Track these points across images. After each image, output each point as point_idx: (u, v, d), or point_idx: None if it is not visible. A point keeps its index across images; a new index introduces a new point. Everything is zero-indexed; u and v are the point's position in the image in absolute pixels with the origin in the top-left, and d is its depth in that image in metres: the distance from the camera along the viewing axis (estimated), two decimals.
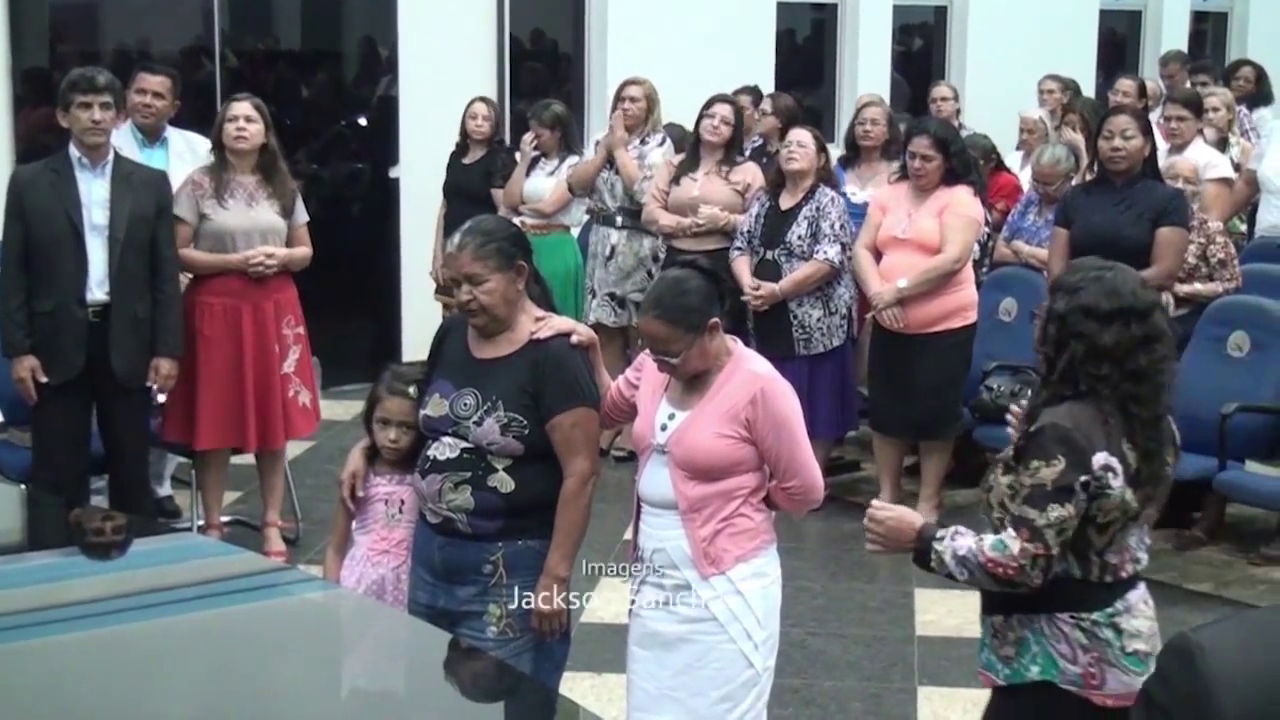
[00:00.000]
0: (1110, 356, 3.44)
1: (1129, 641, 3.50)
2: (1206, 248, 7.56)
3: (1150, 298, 3.55)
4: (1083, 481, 3.39)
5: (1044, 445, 3.42)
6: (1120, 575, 3.52)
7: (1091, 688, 3.48)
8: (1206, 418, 6.79)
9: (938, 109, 9.74)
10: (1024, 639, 3.55)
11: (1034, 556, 3.39)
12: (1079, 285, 3.53)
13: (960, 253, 7.05)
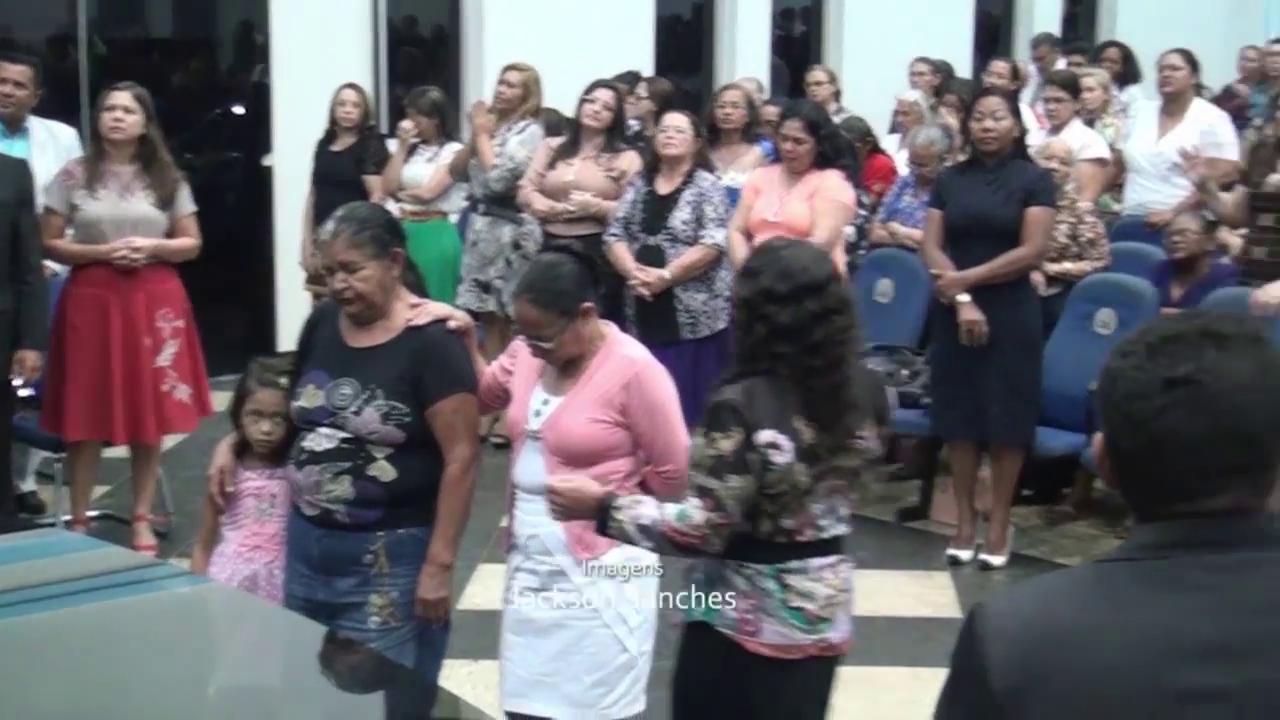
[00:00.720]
0: (789, 334, 3.56)
1: (793, 597, 3.61)
2: (1076, 227, 7.68)
3: (824, 271, 3.68)
4: (752, 456, 3.51)
5: (720, 418, 3.54)
6: (796, 539, 3.62)
7: (745, 634, 3.60)
8: (1075, 394, 6.91)
9: (814, 93, 9.81)
10: (699, 581, 3.69)
11: (716, 525, 3.52)
12: (758, 270, 3.68)
13: (829, 236, 7.09)
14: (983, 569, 6.79)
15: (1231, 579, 1.76)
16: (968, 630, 1.83)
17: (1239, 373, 1.77)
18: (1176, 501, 1.79)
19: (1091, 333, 7.36)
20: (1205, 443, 1.77)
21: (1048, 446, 7.01)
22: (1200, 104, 8.99)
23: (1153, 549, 1.79)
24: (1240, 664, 1.73)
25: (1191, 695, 1.72)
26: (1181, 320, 1.85)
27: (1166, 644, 1.74)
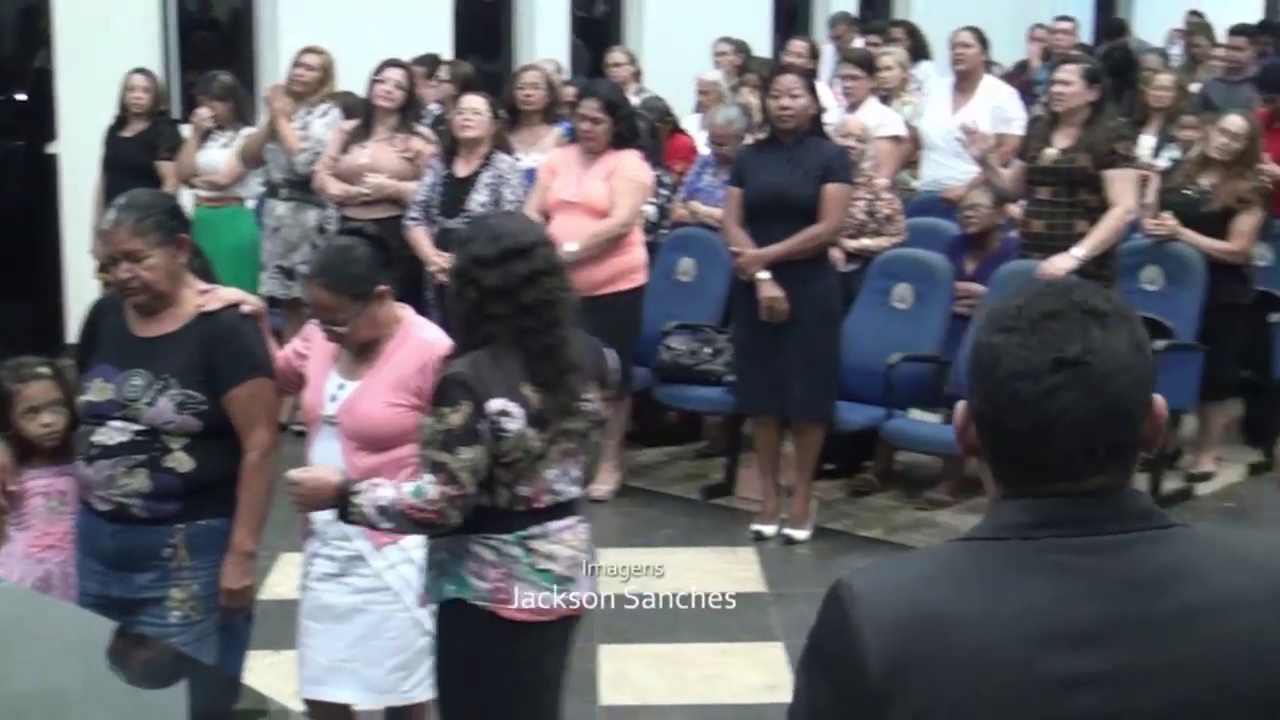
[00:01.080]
0: (500, 296, 3.63)
1: (539, 560, 3.67)
2: (874, 203, 7.79)
3: (533, 235, 3.79)
4: (483, 427, 3.56)
5: (448, 392, 3.59)
6: (534, 505, 3.68)
7: (500, 602, 3.65)
8: (873, 368, 7.03)
9: (614, 74, 9.81)
10: (443, 560, 3.71)
11: (451, 498, 3.56)
12: (468, 238, 3.78)
13: (628, 216, 7.12)
14: (786, 543, 6.86)
15: (1102, 561, 1.75)
16: (836, 613, 1.78)
17: (1120, 352, 1.77)
18: (1059, 480, 1.77)
19: (889, 307, 7.47)
20: (1094, 423, 1.76)
21: (848, 420, 7.10)
22: (991, 81, 9.17)
23: (1022, 528, 1.77)
24: (1111, 647, 1.73)
25: (1065, 681, 1.70)
26: (1054, 295, 1.81)
27: (1040, 630, 1.72)
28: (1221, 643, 1.74)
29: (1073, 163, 7.01)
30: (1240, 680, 1.73)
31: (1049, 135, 7.17)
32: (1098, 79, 7.17)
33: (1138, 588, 1.74)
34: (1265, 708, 1.73)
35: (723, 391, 7.26)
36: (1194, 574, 1.76)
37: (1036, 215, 7.19)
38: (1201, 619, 1.74)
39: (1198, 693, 1.72)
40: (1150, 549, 1.76)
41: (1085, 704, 1.71)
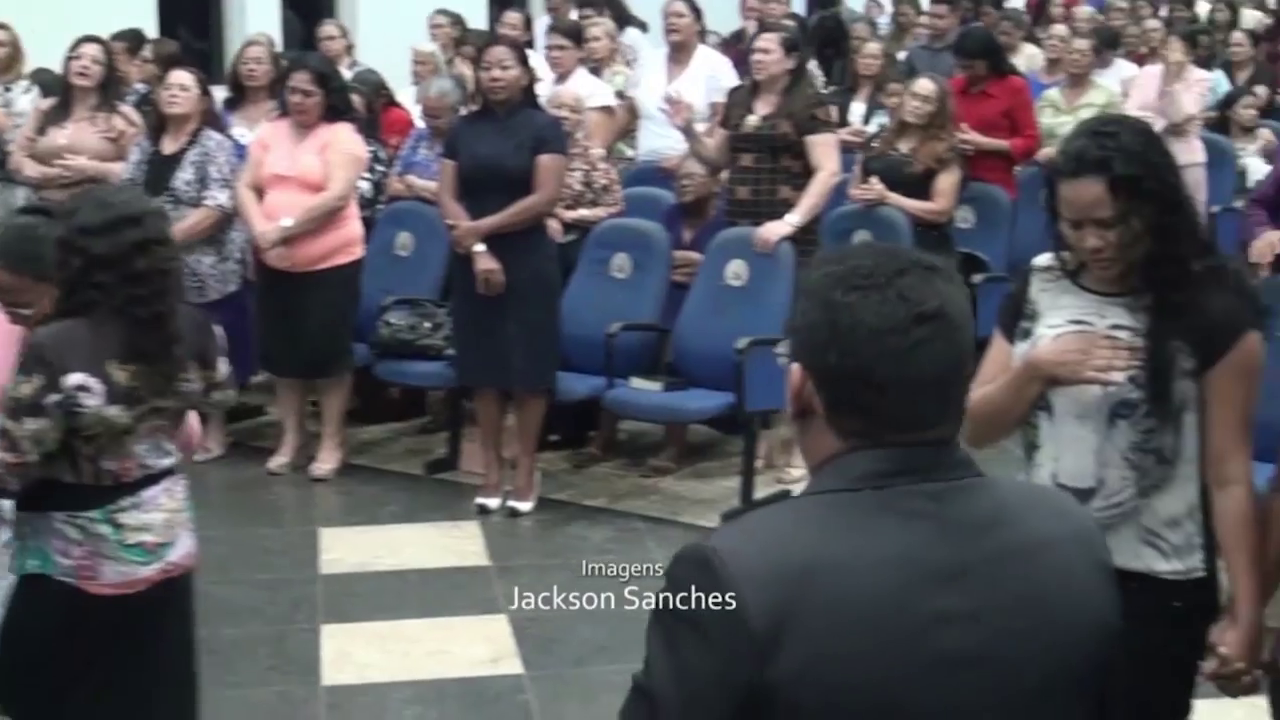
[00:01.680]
0: (109, 264, 3.58)
1: (131, 535, 3.65)
2: (590, 174, 7.81)
3: (144, 205, 3.79)
4: (56, 400, 3.51)
5: (25, 362, 3.57)
6: (123, 480, 3.66)
7: (85, 578, 3.62)
8: (593, 338, 7.06)
9: (327, 48, 9.65)
10: (26, 534, 3.68)
11: (10, 465, 3.54)
12: (75, 209, 3.73)
13: (343, 190, 7.03)
14: (511, 516, 6.85)
15: (943, 506, 1.83)
16: (705, 576, 1.77)
17: (962, 305, 1.87)
18: (913, 430, 1.84)
19: (608, 277, 7.51)
20: (950, 374, 1.86)
21: (570, 391, 7.12)
22: (705, 50, 9.25)
23: (875, 477, 1.82)
24: (970, 586, 1.81)
25: (938, 619, 1.79)
26: (893, 255, 1.89)
27: (909, 570, 1.79)
28: (1046, 578, 1.87)
29: (774, 129, 7.13)
30: (1063, 612, 1.87)
31: (750, 103, 7.28)
32: (796, 47, 7.31)
33: (976, 530, 1.84)
34: (1079, 636, 1.88)
35: (443, 366, 7.21)
36: (1012, 517, 1.89)
37: (741, 182, 7.30)
38: (1028, 557, 1.87)
39: (1035, 625, 1.85)
40: (977, 494, 1.88)
41: (954, 640, 1.80)
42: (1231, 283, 3.20)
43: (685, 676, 1.77)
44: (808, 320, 1.88)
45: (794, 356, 1.90)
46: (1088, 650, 1.88)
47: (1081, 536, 1.94)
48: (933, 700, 1.78)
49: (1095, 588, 1.92)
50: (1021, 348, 3.29)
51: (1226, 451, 3.15)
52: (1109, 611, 1.92)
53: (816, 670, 1.74)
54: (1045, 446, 3.26)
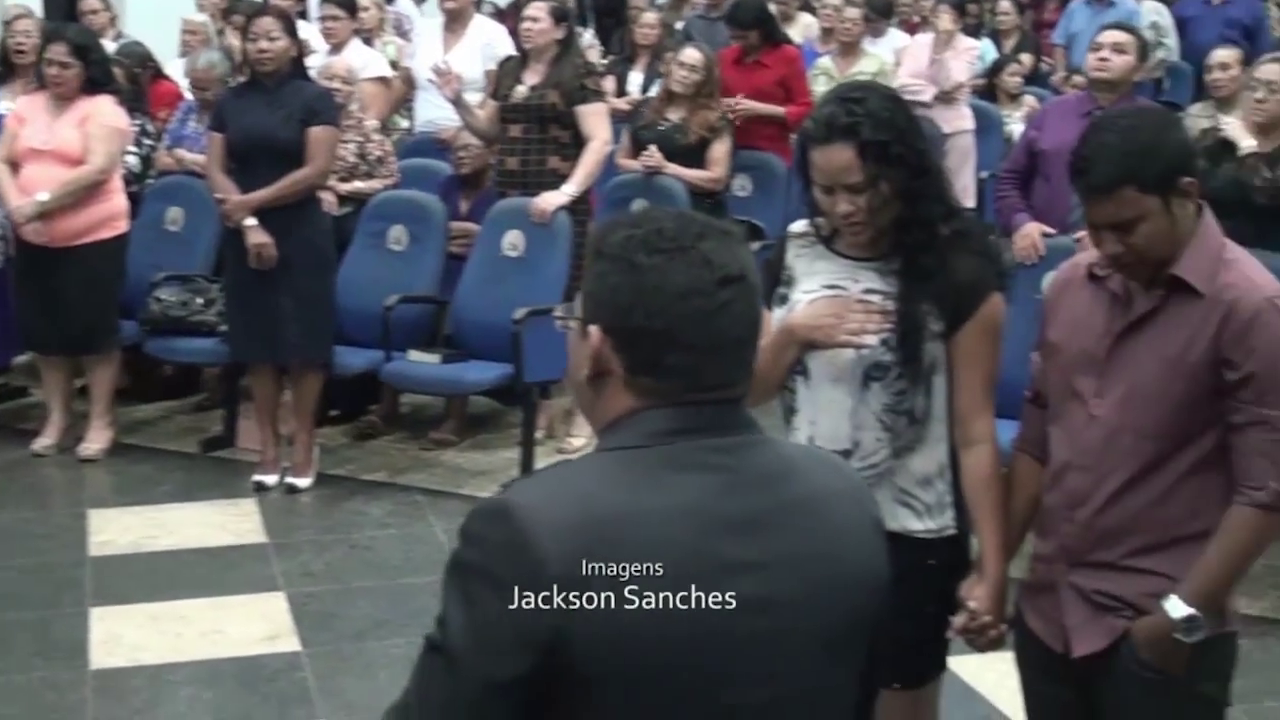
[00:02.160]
0: None
1: None
2: (364, 145, 7.74)
3: None
4: None
5: None
6: None
7: None
8: (371, 311, 7.00)
9: (90, 21, 9.38)
10: None
11: None
12: None
13: (105, 163, 6.88)
14: (290, 492, 6.77)
15: (738, 459, 1.88)
16: (502, 529, 1.77)
17: (755, 268, 1.92)
18: (714, 389, 1.88)
19: (385, 250, 7.46)
20: (749, 335, 1.91)
21: (347, 365, 7.06)
22: (481, 20, 9.20)
23: (665, 435, 1.85)
24: (763, 534, 1.86)
25: (733, 567, 1.82)
26: (688, 219, 1.92)
27: (702, 519, 1.82)
28: (831, 530, 1.93)
29: (543, 100, 7.14)
30: (845, 564, 1.93)
31: (520, 73, 7.27)
32: (565, 17, 7.32)
33: (767, 482, 1.89)
34: (861, 585, 1.94)
35: (216, 342, 7.09)
36: (796, 471, 1.95)
37: (510, 153, 7.30)
38: (815, 510, 1.92)
39: (821, 575, 1.90)
40: (764, 449, 1.92)
41: (747, 587, 1.82)
42: (977, 246, 3.28)
43: (482, 628, 1.77)
44: (609, 283, 1.89)
45: (592, 318, 1.91)
46: (862, 600, 1.94)
47: (856, 493, 2.01)
48: (727, 646, 1.82)
49: (869, 541, 1.98)
50: (779, 313, 3.34)
51: (972, 412, 3.24)
52: (880, 565, 1.99)
53: (615, 618, 1.76)
54: (802, 410, 3.32)
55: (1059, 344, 3.14)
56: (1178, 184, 2.95)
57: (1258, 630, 5.25)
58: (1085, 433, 3.04)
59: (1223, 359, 2.92)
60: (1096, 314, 3.06)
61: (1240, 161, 5.97)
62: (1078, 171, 2.97)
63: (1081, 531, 3.05)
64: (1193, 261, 2.97)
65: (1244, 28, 11.42)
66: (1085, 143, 2.97)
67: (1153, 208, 2.93)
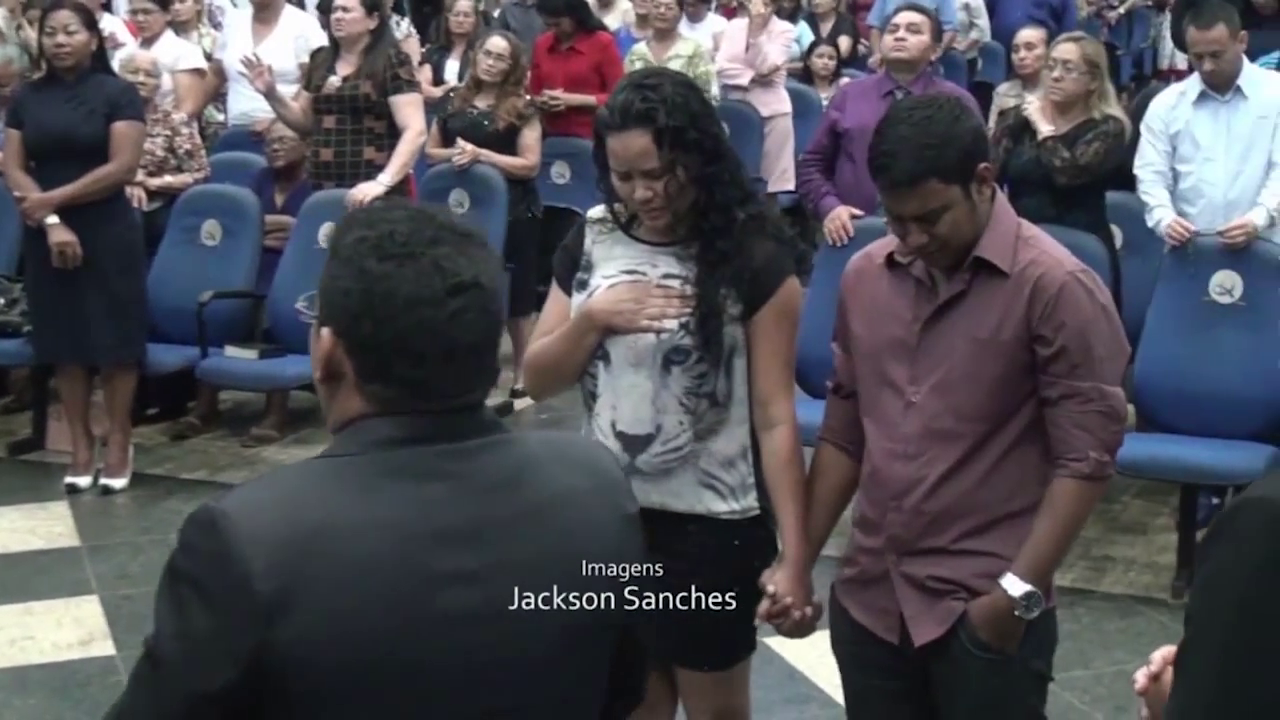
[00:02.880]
0: None
1: None
2: (173, 139, 7.60)
3: None
4: None
5: None
6: None
7: None
8: (187, 307, 6.89)
9: None
10: None
11: None
12: None
13: None
14: (104, 494, 6.64)
15: (465, 466, 1.83)
16: (211, 539, 1.74)
17: (495, 271, 1.85)
18: (445, 399, 1.83)
19: (198, 245, 7.34)
20: (484, 343, 1.85)
21: (161, 362, 6.95)
22: (292, 10, 9.05)
23: (387, 443, 1.82)
24: (482, 546, 1.82)
25: (444, 578, 1.79)
26: (422, 221, 1.85)
27: (417, 531, 1.79)
28: (568, 532, 1.90)
29: (356, 90, 7.07)
30: (579, 568, 1.89)
31: (333, 64, 7.20)
32: (377, 6, 7.24)
33: (496, 489, 1.85)
34: (604, 585, 1.90)
35: (22, 343, 6.91)
36: (535, 474, 1.90)
37: (325, 144, 7.23)
38: (550, 513, 1.89)
39: (554, 579, 1.86)
40: (500, 453, 1.87)
41: (460, 599, 1.80)
42: (773, 230, 3.31)
43: (189, 638, 1.75)
44: (340, 286, 1.84)
45: (324, 320, 1.87)
46: (605, 600, 1.91)
47: (605, 490, 1.97)
48: (441, 658, 1.80)
49: (617, 539, 1.95)
50: (578, 299, 3.35)
51: (771, 394, 3.26)
52: (630, 561, 1.96)
53: (323, 632, 1.73)
54: (604, 395, 3.32)
55: (863, 334, 3.16)
56: (975, 171, 3.00)
57: (1066, 600, 5.36)
58: (904, 421, 3.07)
59: (1034, 335, 2.97)
60: (901, 302, 3.09)
61: (1040, 144, 6.09)
62: (879, 168, 2.99)
63: (910, 519, 3.07)
64: (993, 243, 3.03)
65: (1051, 8, 11.67)
66: (883, 138, 3.00)
67: (955, 197, 2.97)
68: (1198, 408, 5.70)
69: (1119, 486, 6.47)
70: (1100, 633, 5.29)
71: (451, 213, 1.93)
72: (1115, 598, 5.57)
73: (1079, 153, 6.04)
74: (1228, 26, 6.03)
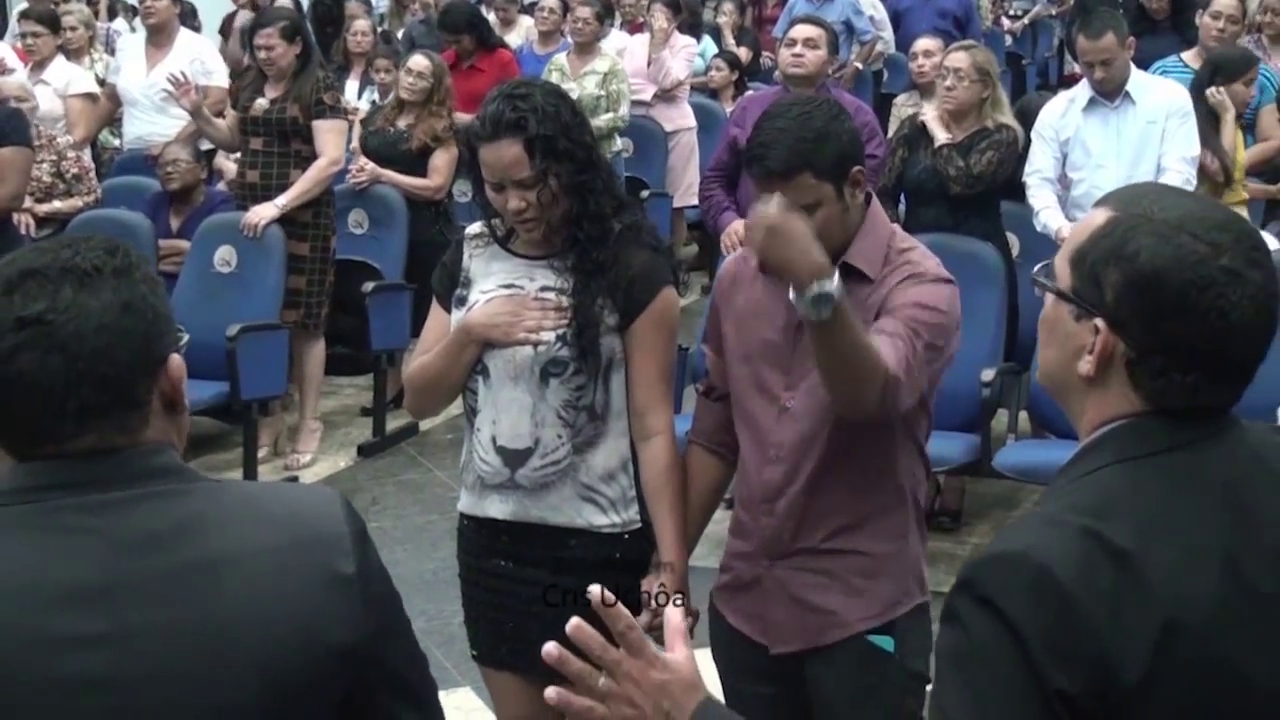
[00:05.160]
0: None
1: None
2: (60, 164, 7.51)
3: None
4: None
5: None
6: None
7: None
8: None
9: None
10: None
11: None
12: None
13: None
14: None
15: (103, 520, 1.70)
16: None
17: (94, 311, 1.71)
18: (43, 443, 1.71)
19: None
20: (58, 384, 1.69)
21: None
22: (187, 34, 8.95)
23: (25, 492, 1.71)
24: (117, 606, 1.68)
25: (67, 643, 1.66)
26: (46, 252, 1.74)
27: (41, 590, 1.67)
28: (232, 597, 1.72)
29: (283, 113, 6.98)
30: (257, 629, 1.72)
31: (261, 85, 7.11)
32: (298, 32, 7.14)
33: (142, 545, 1.71)
34: (281, 652, 1.73)
35: None
36: (209, 529, 1.75)
37: (252, 165, 7.13)
38: (211, 573, 1.72)
39: (203, 650, 1.70)
40: (159, 505, 1.73)
41: (83, 665, 1.67)
42: (649, 240, 3.29)
43: None
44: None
45: None
46: (292, 668, 1.73)
47: (307, 545, 1.78)
48: None
49: (309, 601, 1.75)
50: (457, 315, 3.32)
51: (648, 404, 3.24)
52: (330, 626, 1.75)
53: None
54: (484, 410, 3.29)
55: (735, 338, 3.16)
56: (850, 173, 2.99)
57: None
58: (778, 425, 3.06)
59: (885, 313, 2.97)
60: (775, 307, 3.07)
61: (935, 153, 6.10)
62: (754, 158, 2.99)
63: (781, 523, 3.07)
64: (864, 249, 3.03)
65: (955, 18, 11.73)
66: (760, 130, 3.01)
67: (827, 194, 2.97)
68: None
69: (1020, 494, 6.50)
70: None
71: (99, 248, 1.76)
72: None
73: (973, 161, 6.06)
74: (1116, 35, 6.08)
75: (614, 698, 1.74)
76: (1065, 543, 1.66)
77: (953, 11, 11.78)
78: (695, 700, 1.75)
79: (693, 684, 1.76)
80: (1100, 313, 1.76)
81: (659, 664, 1.74)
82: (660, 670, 1.74)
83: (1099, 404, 1.79)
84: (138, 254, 1.80)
